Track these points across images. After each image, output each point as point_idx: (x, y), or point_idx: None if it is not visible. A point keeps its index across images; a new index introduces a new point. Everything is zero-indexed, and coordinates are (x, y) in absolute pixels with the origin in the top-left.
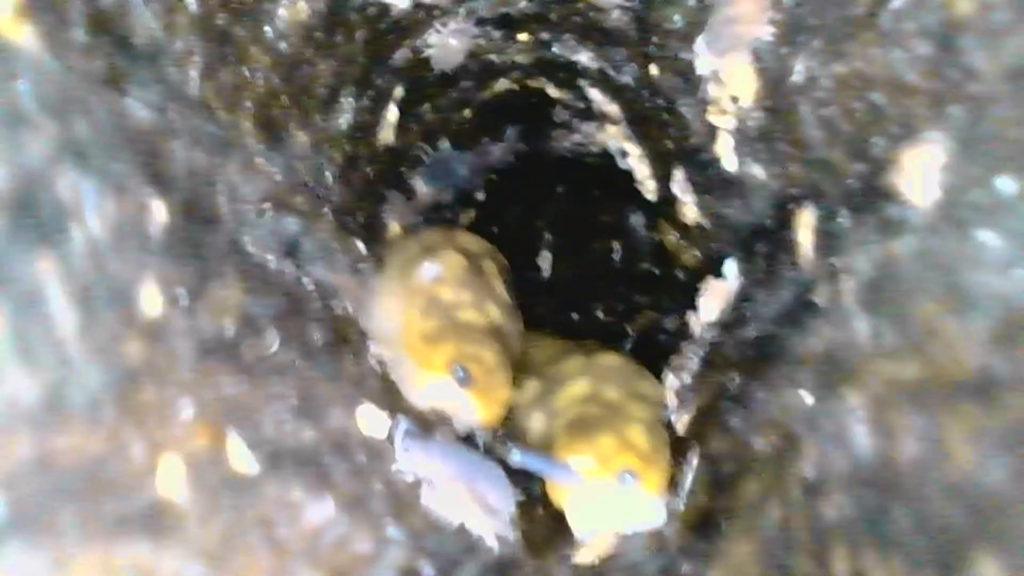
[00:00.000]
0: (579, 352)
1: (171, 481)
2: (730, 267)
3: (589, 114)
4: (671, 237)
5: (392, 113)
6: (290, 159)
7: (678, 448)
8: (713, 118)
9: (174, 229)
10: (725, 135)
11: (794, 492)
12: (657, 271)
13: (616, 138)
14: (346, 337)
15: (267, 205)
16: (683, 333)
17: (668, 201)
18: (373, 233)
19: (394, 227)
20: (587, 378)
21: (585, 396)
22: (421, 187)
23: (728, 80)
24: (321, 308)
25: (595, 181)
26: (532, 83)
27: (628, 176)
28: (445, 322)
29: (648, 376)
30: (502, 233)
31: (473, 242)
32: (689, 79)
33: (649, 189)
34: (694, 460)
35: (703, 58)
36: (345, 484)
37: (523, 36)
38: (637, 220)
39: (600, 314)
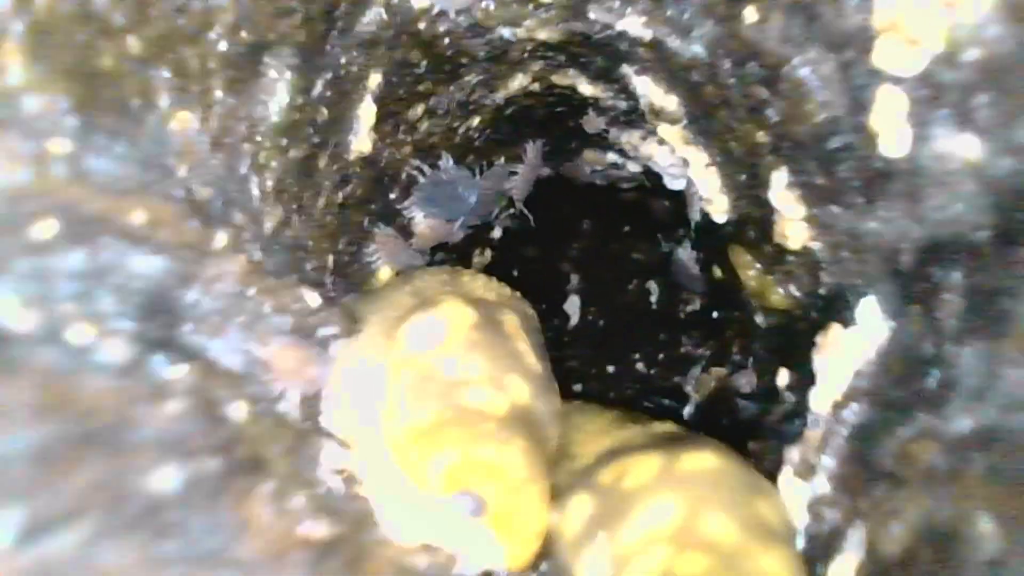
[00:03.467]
0: (646, 442)
1: None
2: (868, 310)
3: (632, 119)
4: (750, 271)
5: (367, 110)
6: (155, 152)
7: None
8: (887, 58)
9: None
10: (892, 95)
11: None
12: (715, 313)
13: (672, 144)
14: (261, 462)
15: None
16: (772, 396)
17: (747, 222)
18: (349, 278)
19: (383, 272)
20: (673, 495)
21: (676, 533)
22: (420, 218)
23: None
24: (206, 424)
25: (626, 214)
26: (558, 79)
27: (668, 205)
28: (446, 409)
29: (767, 488)
30: (521, 276)
31: (487, 287)
32: (817, 13)
33: (720, 208)
34: None
35: None
36: None
37: None
38: (685, 254)
39: (640, 365)
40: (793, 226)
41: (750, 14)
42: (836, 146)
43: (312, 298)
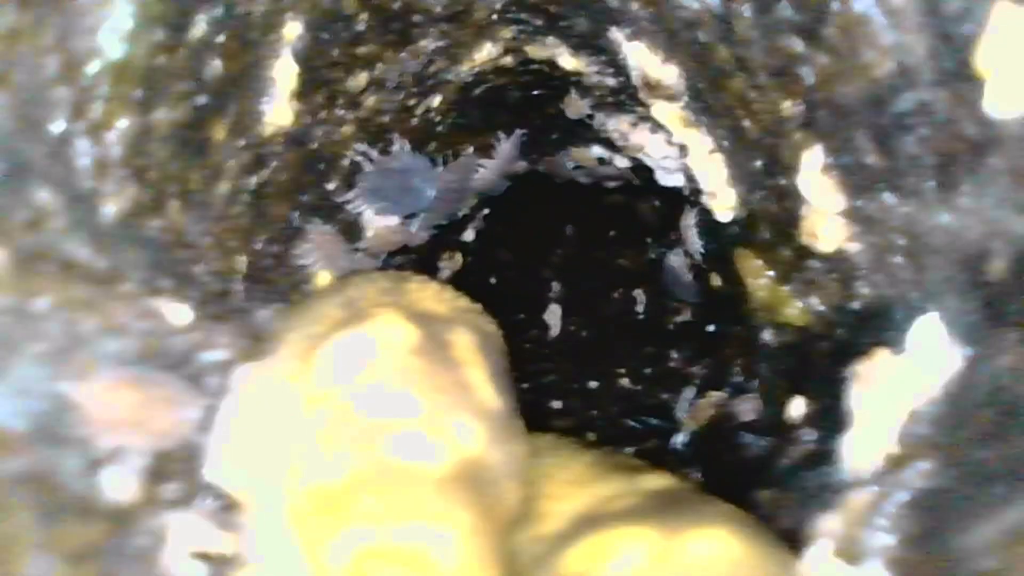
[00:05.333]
0: (635, 505)
1: None
2: (929, 333)
3: (622, 100)
4: (761, 279)
5: (285, 70)
6: None
7: None
8: None
9: None
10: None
11: None
12: (711, 327)
13: (670, 128)
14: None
15: None
16: (783, 431)
17: (760, 220)
18: (272, 285)
19: (322, 277)
20: None
21: None
22: (370, 215)
23: None
24: None
25: (612, 217)
26: (534, 50)
27: (657, 206)
28: (365, 465)
29: None
30: (498, 284)
31: (438, 298)
32: None
33: (725, 205)
34: None
35: None
36: None
37: None
38: (676, 260)
39: (625, 381)
40: (827, 222)
41: None
42: (904, 109)
43: (176, 313)
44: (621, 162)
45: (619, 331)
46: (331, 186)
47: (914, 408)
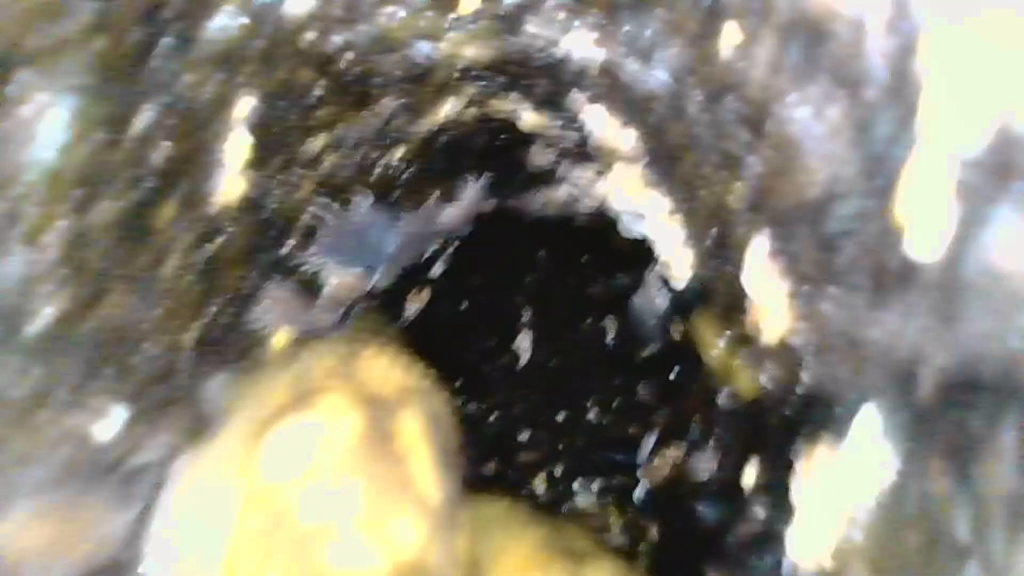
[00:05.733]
0: None
1: None
2: (867, 426)
3: (585, 151)
4: (713, 350)
5: (237, 143)
6: None
7: None
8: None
9: None
10: (932, 167)
11: None
12: (673, 373)
13: (629, 188)
14: None
15: None
16: (735, 502)
17: (713, 290)
18: (227, 350)
19: (281, 337)
20: None
21: None
22: (328, 270)
23: None
24: None
25: (584, 243)
26: (497, 105)
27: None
28: (301, 573)
29: None
30: (471, 311)
31: (388, 375)
32: (825, 33)
33: (681, 268)
34: None
35: None
36: None
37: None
38: (640, 301)
39: (592, 415)
40: (771, 315)
41: (730, 34)
42: (840, 218)
43: (105, 424)
44: (589, 203)
45: (588, 360)
46: (289, 245)
47: (851, 514)
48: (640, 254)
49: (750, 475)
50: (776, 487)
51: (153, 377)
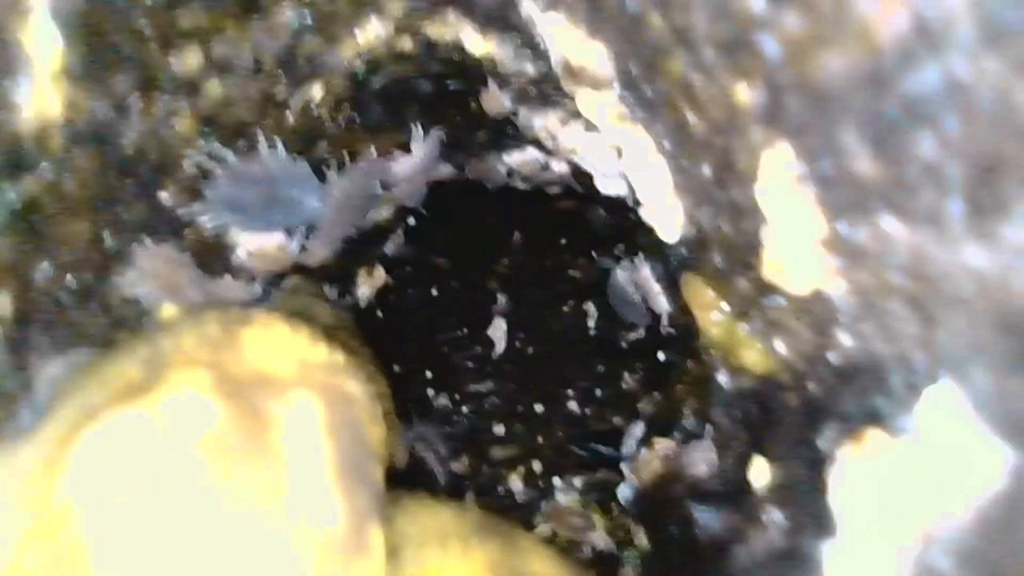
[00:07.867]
0: None
1: None
2: (945, 411)
3: (547, 92)
4: (712, 314)
5: (39, 38)
6: None
7: None
8: None
9: None
10: None
11: None
12: (662, 355)
13: (600, 124)
14: None
15: None
16: (743, 505)
17: (710, 242)
18: (78, 328)
19: (167, 311)
20: None
21: None
22: (239, 233)
23: None
24: None
25: (562, 224)
26: (434, 29)
27: (607, 215)
28: None
29: None
30: (441, 297)
31: (282, 347)
32: None
33: (670, 221)
34: None
35: None
36: None
37: None
38: (623, 276)
39: (573, 405)
40: (798, 253)
41: None
42: (920, 90)
43: None
44: (559, 167)
45: (568, 348)
46: (162, 197)
47: (931, 530)
48: (616, 236)
49: (761, 472)
50: (798, 488)
51: None
